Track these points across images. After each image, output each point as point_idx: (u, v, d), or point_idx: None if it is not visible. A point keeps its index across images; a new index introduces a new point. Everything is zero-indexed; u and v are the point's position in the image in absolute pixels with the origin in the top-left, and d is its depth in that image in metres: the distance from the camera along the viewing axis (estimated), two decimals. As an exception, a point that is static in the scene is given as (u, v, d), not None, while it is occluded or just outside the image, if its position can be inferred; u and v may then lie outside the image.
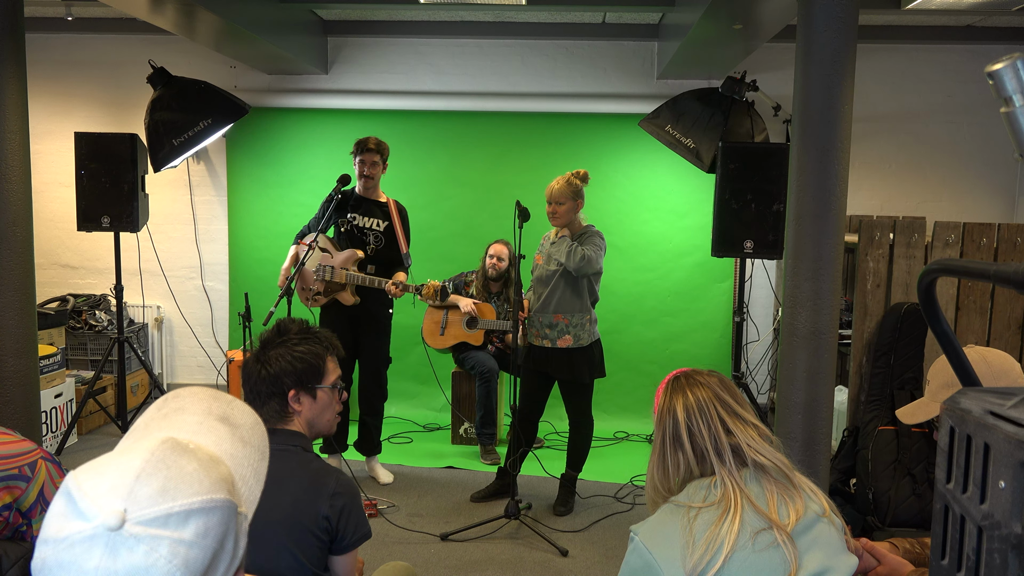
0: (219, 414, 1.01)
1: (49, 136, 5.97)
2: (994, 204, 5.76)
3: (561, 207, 3.92)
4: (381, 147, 4.31)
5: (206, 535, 0.84)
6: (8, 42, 3.45)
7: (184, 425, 0.97)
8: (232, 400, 1.06)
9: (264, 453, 1.03)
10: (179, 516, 0.82)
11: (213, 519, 0.85)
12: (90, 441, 5.10)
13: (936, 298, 0.93)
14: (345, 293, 4.25)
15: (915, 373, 3.45)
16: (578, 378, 4.01)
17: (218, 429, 0.99)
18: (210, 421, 0.99)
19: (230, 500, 0.87)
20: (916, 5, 4.30)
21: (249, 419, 1.04)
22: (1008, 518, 0.60)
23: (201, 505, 0.84)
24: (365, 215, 4.33)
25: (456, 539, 3.80)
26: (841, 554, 1.51)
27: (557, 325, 3.97)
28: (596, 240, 3.94)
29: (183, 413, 1.00)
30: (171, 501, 0.83)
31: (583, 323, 3.98)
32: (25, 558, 1.90)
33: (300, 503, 1.84)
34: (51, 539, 0.82)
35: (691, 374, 1.67)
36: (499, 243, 5.04)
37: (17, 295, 3.52)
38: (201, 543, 0.83)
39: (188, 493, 0.84)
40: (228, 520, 0.87)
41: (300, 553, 1.82)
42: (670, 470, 1.60)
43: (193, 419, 0.99)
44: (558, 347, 3.98)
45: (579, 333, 3.98)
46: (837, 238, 3.15)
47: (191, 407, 1.01)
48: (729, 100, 4.68)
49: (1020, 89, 0.89)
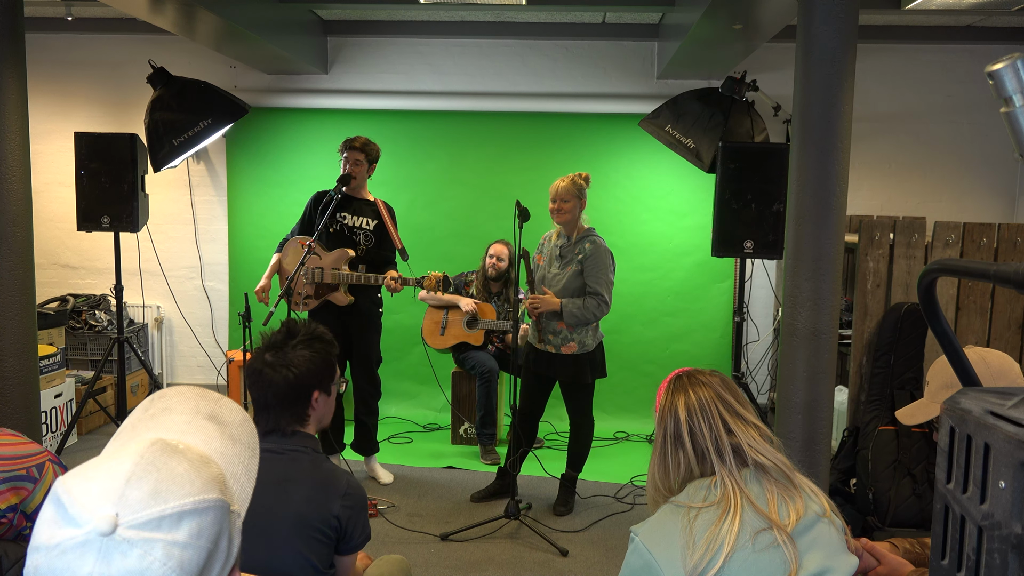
0: (207, 412, 1.00)
1: (49, 136, 5.96)
2: (994, 204, 5.76)
3: (566, 204, 3.93)
4: (367, 147, 4.29)
5: (200, 535, 0.83)
6: (8, 42, 3.45)
7: (172, 425, 0.96)
8: (219, 398, 1.05)
9: (255, 450, 1.02)
10: (172, 518, 0.82)
11: (206, 519, 0.84)
12: (90, 441, 5.10)
13: (936, 298, 0.93)
14: (338, 293, 4.23)
15: (915, 373, 3.45)
16: (581, 379, 4.01)
17: (207, 428, 0.98)
18: (198, 420, 0.98)
19: (222, 499, 0.87)
20: (916, 5, 4.30)
21: (238, 416, 1.03)
22: (1008, 518, 0.60)
23: (194, 506, 0.83)
24: (355, 214, 4.31)
25: (456, 539, 3.80)
26: (841, 554, 1.51)
27: (561, 332, 3.97)
28: (597, 261, 3.91)
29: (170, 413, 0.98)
30: (163, 503, 0.82)
31: (587, 330, 3.99)
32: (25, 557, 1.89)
33: (311, 503, 1.85)
34: (42, 546, 0.81)
35: (693, 373, 1.67)
36: (499, 243, 5.04)
37: (17, 295, 3.51)
38: (195, 544, 0.82)
39: (180, 494, 0.83)
40: (221, 519, 0.86)
41: (310, 553, 1.83)
42: (671, 469, 1.60)
43: (181, 419, 0.97)
44: (562, 353, 3.98)
45: (583, 339, 3.98)
46: (837, 238, 3.15)
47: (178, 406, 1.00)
48: (729, 100, 4.68)
49: (1020, 89, 0.89)
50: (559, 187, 3.95)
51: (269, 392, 1.90)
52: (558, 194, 3.95)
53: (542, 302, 3.91)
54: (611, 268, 3.97)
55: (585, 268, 3.92)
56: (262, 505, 1.01)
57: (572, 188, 3.93)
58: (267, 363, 1.92)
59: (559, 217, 3.97)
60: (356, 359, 4.39)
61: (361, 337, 4.34)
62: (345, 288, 4.23)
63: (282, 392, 1.90)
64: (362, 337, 4.34)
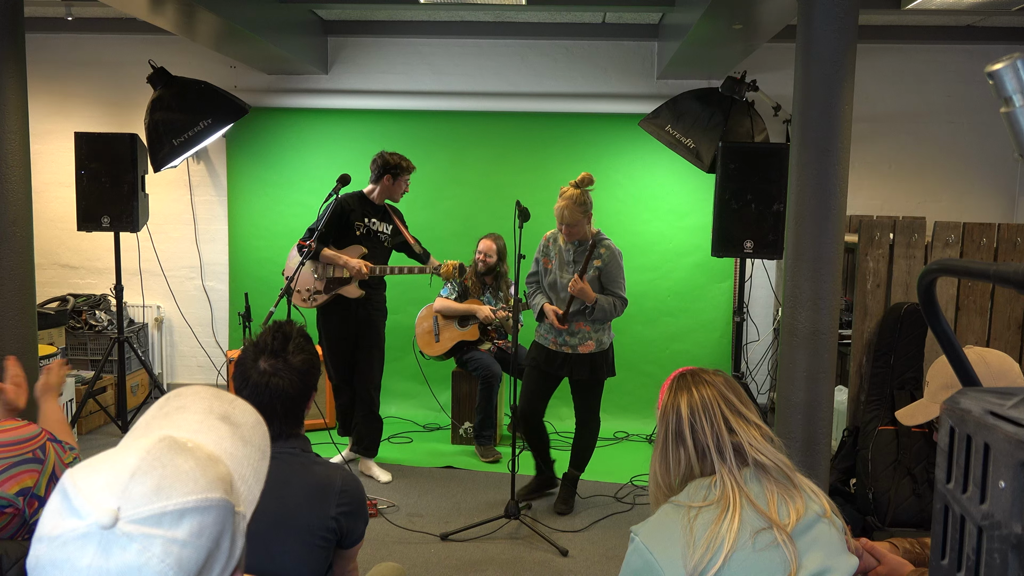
0: (220, 413, 1.00)
1: (49, 136, 5.96)
2: (994, 204, 5.76)
3: (575, 227, 3.90)
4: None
5: (200, 534, 0.83)
6: (8, 42, 3.45)
7: (185, 423, 0.97)
8: (234, 399, 1.05)
9: (265, 452, 1.03)
10: (173, 515, 0.82)
11: (208, 518, 0.84)
12: (90, 441, 5.10)
13: (936, 298, 0.93)
14: (350, 287, 4.29)
15: (915, 373, 3.45)
16: (597, 377, 4.04)
17: (219, 428, 0.98)
18: (211, 420, 0.99)
19: (226, 500, 0.87)
20: (916, 5, 4.30)
21: (251, 418, 1.04)
22: (1008, 518, 0.60)
23: (196, 504, 0.83)
24: (380, 220, 4.45)
25: (456, 539, 3.80)
26: (841, 554, 1.51)
27: (579, 332, 3.99)
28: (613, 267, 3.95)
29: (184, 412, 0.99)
30: (165, 500, 0.82)
31: (604, 328, 4.03)
32: (25, 556, 1.90)
33: (306, 506, 1.84)
34: (45, 537, 0.81)
35: (697, 372, 1.67)
36: (487, 239, 5.08)
37: (17, 295, 3.51)
38: (195, 542, 0.82)
39: (183, 492, 0.83)
40: (224, 520, 0.86)
41: (305, 555, 1.82)
42: (671, 466, 1.60)
43: (194, 418, 0.98)
44: (579, 352, 3.99)
45: (601, 338, 4.02)
46: (837, 238, 3.15)
47: (192, 406, 1.00)
48: (729, 100, 4.68)
49: (1020, 89, 0.89)
50: (563, 214, 3.86)
51: (277, 401, 1.85)
52: (564, 219, 3.88)
53: (582, 293, 3.86)
54: (622, 269, 4.01)
55: (603, 274, 3.94)
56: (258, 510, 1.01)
57: (576, 211, 3.84)
58: (272, 371, 1.85)
59: (571, 237, 3.95)
60: (367, 345, 4.41)
61: (371, 323, 4.40)
62: (357, 282, 4.27)
63: (291, 399, 1.86)
64: (372, 323, 4.41)
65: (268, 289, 5.55)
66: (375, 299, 4.41)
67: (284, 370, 1.86)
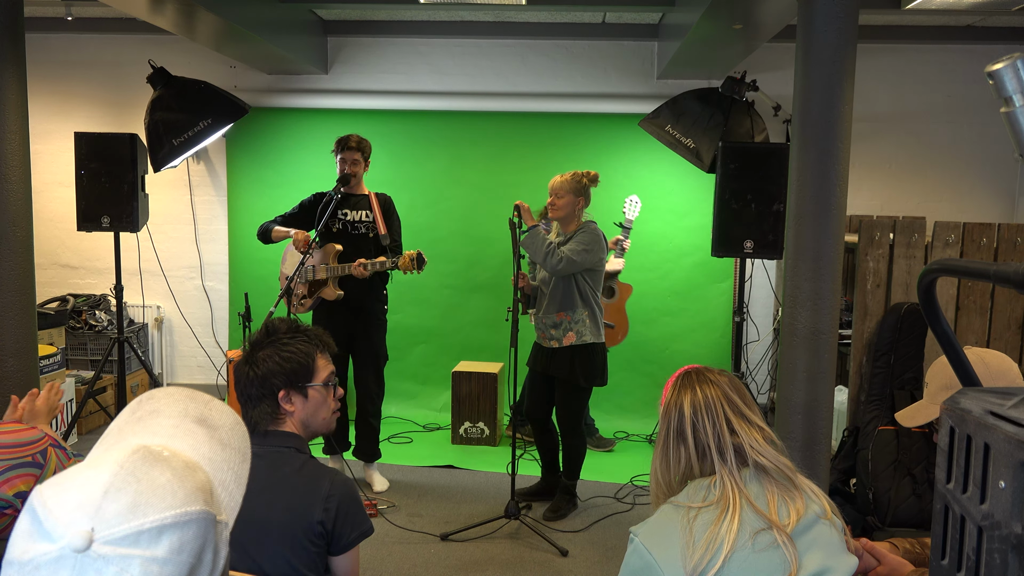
0: (196, 416, 0.96)
1: (49, 136, 5.96)
2: (994, 204, 5.76)
3: (560, 200, 3.93)
4: (362, 144, 4.33)
5: (181, 551, 0.79)
6: (8, 42, 3.45)
7: (159, 429, 0.92)
8: (210, 400, 1.01)
9: (246, 455, 0.98)
10: (151, 533, 0.77)
11: (188, 533, 0.80)
12: (90, 441, 5.10)
13: (936, 298, 0.93)
14: (328, 289, 4.24)
15: (915, 373, 3.45)
16: (573, 379, 3.96)
17: (195, 432, 0.93)
18: (187, 424, 0.94)
19: (207, 510, 0.82)
20: (916, 5, 4.30)
21: (228, 420, 0.99)
22: (1008, 518, 0.60)
23: (175, 519, 0.79)
24: (353, 208, 4.34)
25: (456, 539, 3.80)
26: (841, 554, 1.51)
27: (561, 324, 3.98)
28: (583, 237, 3.89)
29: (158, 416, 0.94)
30: (142, 517, 0.77)
31: (583, 319, 3.96)
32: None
33: (293, 509, 1.80)
34: (15, 561, 0.77)
35: (702, 371, 1.67)
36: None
37: (17, 295, 3.51)
38: (176, 559, 0.78)
39: (160, 507, 0.79)
40: (205, 532, 0.82)
41: (294, 559, 1.79)
42: (671, 464, 1.60)
43: (168, 422, 0.93)
44: (563, 346, 3.98)
45: (581, 329, 3.96)
46: (837, 238, 3.15)
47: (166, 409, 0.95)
48: (729, 100, 4.68)
49: (1020, 89, 0.89)
50: (556, 182, 3.96)
51: (238, 389, 1.92)
52: (553, 188, 3.96)
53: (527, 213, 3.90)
54: (593, 250, 3.87)
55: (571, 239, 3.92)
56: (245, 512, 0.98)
57: (569, 183, 3.93)
58: (241, 360, 1.93)
59: (553, 212, 3.96)
60: (361, 358, 4.36)
61: (363, 334, 4.33)
62: (334, 282, 4.24)
63: (248, 390, 1.90)
64: (364, 334, 4.34)
65: (268, 289, 5.56)
66: (370, 302, 4.30)
67: (248, 361, 1.91)
